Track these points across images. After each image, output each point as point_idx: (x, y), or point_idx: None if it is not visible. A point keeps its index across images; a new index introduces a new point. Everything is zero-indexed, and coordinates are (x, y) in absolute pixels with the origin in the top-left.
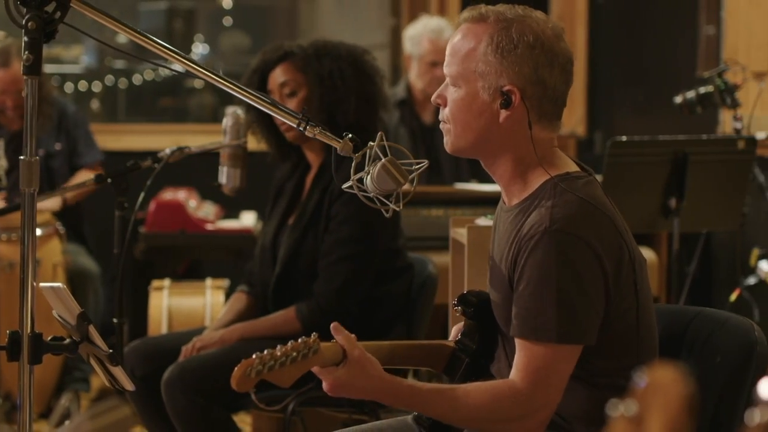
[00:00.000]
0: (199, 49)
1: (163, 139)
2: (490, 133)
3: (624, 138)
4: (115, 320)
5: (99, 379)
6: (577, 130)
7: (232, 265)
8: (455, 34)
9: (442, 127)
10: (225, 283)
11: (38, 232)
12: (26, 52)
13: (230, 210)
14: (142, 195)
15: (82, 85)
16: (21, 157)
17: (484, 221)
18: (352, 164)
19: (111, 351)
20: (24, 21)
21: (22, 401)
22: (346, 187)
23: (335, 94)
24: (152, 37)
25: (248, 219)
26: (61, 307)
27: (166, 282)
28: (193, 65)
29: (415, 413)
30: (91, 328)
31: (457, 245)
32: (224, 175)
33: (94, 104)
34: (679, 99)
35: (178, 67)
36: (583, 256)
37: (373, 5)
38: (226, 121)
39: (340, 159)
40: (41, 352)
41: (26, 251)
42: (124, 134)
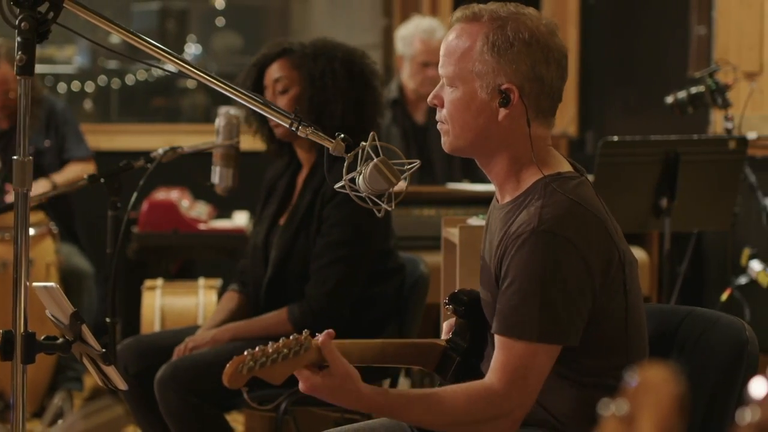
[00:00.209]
0: (192, 49)
1: (155, 139)
2: (489, 131)
3: (615, 138)
4: (107, 320)
5: (92, 379)
6: (568, 130)
7: (224, 264)
8: (449, 33)
9: (439, 127)
10: (217, 282)
11: (31, 231)
12: (19, 53)
13: (223, 210)
14: (135, 195)
15: (75, 86)
16: (14, 157)
17: (475, 221)
18: (344, 164)
19: (104, 350)
20: (17, 21)
21: (15, 400)
22: (338, 187)
23: (324, 94)
24: (145, 37)
25: (241, 219)
26: (54, 306)
27: (159, 282)
28: (186, 65)
29: None
30: (84, 328)
31: (448, 245)
32: (217, 175)
33: (87, 104)
34: (670, 99)
35: (170, 67)
36: (569, 258)
37: (365, 6)
38: (219, 121)
39: (333, 159)
40: (34, 352)
41: (19, 251)
42: (117, 134)
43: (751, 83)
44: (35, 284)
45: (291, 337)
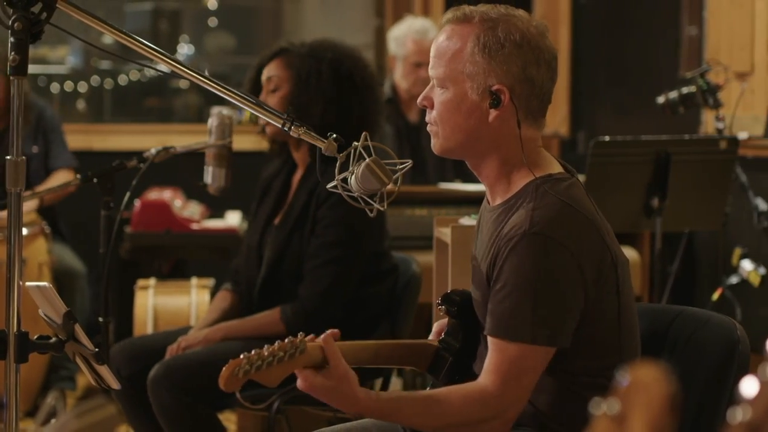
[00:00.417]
0: (185, 49)
1: (148, 139)
2: (480, 133)
3: (607, 138)
4: (100, 319)
5: (85, 378)
6: (560, 131)
7: (217, 264)
8: (439, 35)
9: (429, 129)
10: (210, 282)
11: (24, 231)
12: (13, 53)
13: (215, 209)
14: (128, 195)
15: (68, 86)
16: (8, 157)
17: (467, 221)
18: (337, 164)
19: (96, 350)
20: (10, 22)
21: (8, 400)
22: (331, 187)
23: (306, 94)
24: (138, 37)
25: (233, 218)
26: (47, 306)
27: (152, 281)
28: (179, 66)
29: None
30: (77, 327)
31: (441, 245)
32: (209, 175)
33: (80, 104)
34: (661, 99)
35: (163, 67)
36: (561, 260)
37: (357, 6)
38: (212, 122)
39: (326, 159)
40: (27, 351)
41: (12, 250)
42: (110, 134)
43: (742, 83)
44: (28, 284)
45: (286, 340)
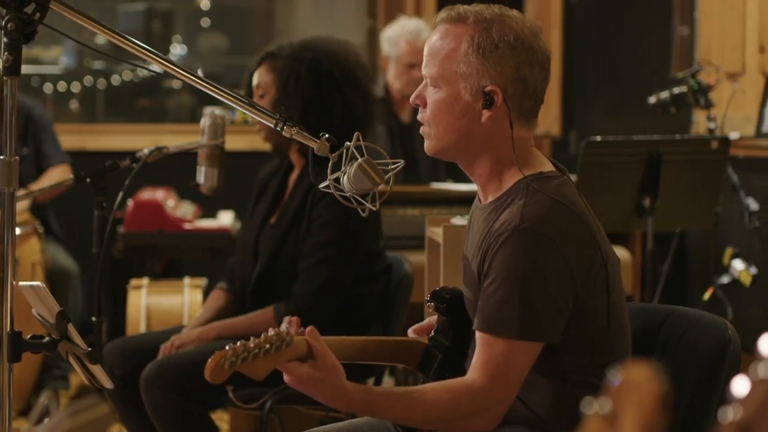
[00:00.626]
0: (177, 49)
1: (141, 139)
2: (472, 133)
3: (598, 138)
4: (93, 319)
5: (78, 377)
6: (552, 130)
7: (209, 264)
8: (433, 34)
9: (422, 131)
10: (203, 281)
11: (17, 231)
12: (6, 53)
13: (208, 209)
14: (121, 194)
15: (61, 86)
16: (0, 157)
17: (459, 220)
18: (329, 164)
19: (90, 349)
20: (3, 22)
21: (1, 399)
22: (323, 187)
23: (286, 97)
24: (130, 38)
25: (226, 218)
26: (41, 305)
27: (145, 281)
28: (171, 66)
29: None
30: (70, 327)
31: (433, 244)
32: (202, 175)
33: (73, 104)
34: (653, 99)
35: (156, 67)
36: (550, 256)
37: (349, 6)
38: (204, 121)
39: (318, 159)
40: (21, 350)
41: (6, 250)
42: (103, 134)
43: (733, 83)
44: (21, 283)
45: (272, 333)
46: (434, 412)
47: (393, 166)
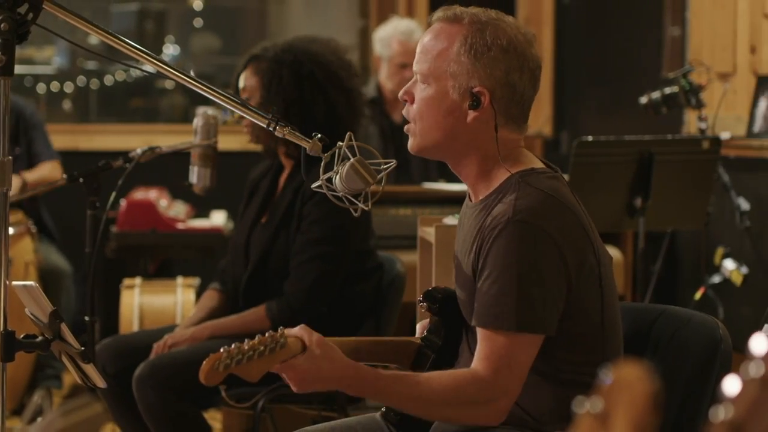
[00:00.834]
0: (170, 50)
1: (134, 139)
2: (457, 132)
3: (590, 138)
4: (86, 318)
5: (71, 377)
6: (543, 130)
7: (202, 263)
8: (427, 32)
9: (407, 128)
10: (195, 281)
11: (10, 230)
12: None
13: (201, 209)
14: (114, 194)
15: (54, 86)
16: None
17: (451, 220)
18: (321, 164)
19: (83, 348)
20: None
21: None
22: (315, 187)
23: (268, 99)
24: (123, 38)
25: (218, 218)
26: (34, 305)
27: (138, 280)
28: (164, 66)
29: (383, 410)
30: (63, 326)
31: (424, 244)
32: (195, 175)
33: (66, 105)
34: (644, 99)
35: (149, 68)
36: (544, 246)
37: (341, 7)
38: (197, 122)
39: (310, 159)
40: (14, 350)
41: None
42: (96, 134)
43: (724, 84)
44: (15, 283)
45: (267, 334)
46: (439, 396)
47: (385, 166)
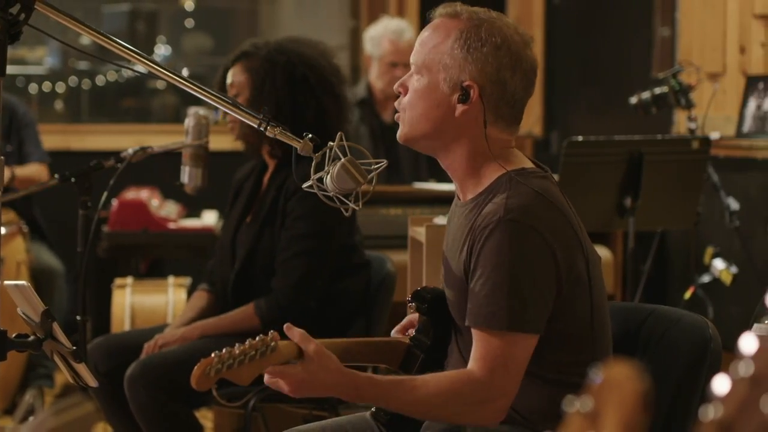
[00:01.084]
0: (162, 50)
1: (125, 139)
2: (444, 125)
3: (580, 138)
4: (78, 318)
5: (63, 376)
6: (533, 130)
7: (193, 263)
8: (428, 27)
9: (396, 117)
10: (187, 281)
11: (2, 230)
12: None
13: (192, 209)
14: (105, 194)
15: (46, 86)
16: None
17: (442, 220)
18: (312, 164)
19: (74, 348)
20: None
21: None
22: (306, 187)
23: (260, 100)
24: (115, 38)
25: (210, 218)
26: (26, 304)
27: (129, 280)
28: (155, 66)
29: (372, 410)
30: (55, 326)
31: (415, 244)
32: (186, 175)
33: (58, 105)
34: (634, 99)
35: (140, 68)
36: (535, 246)
37: (332, 7)
38: (188, 122)
39: (299, 159)
40: (6, 349)
41: None
42: (88, 134)
43: (714, 84)
44: (6, 283)
45: (258, 338)
46: (436, 399)
47: (376, 166)
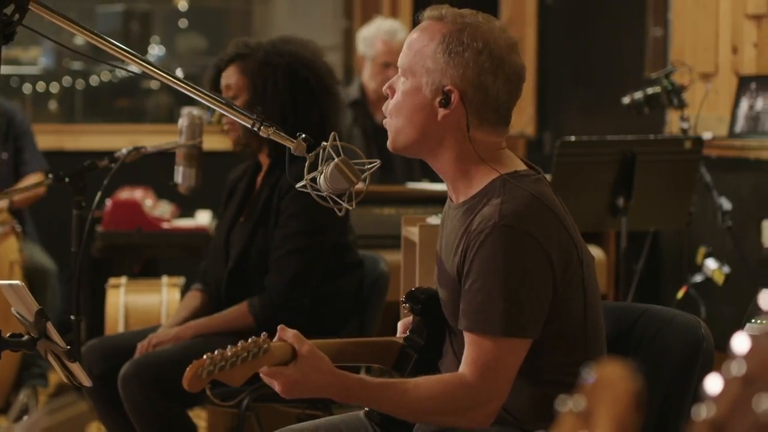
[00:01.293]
0: (155, 50)
1: (119, 139)
2: (428, 129)
3: (573, 138)
4: (72, 317)
5: (57, 375)
6: (526, 131)
7: (187, 263)
8: (416, 29)
9: (384, 123)
10: (180, 280)
11: None
12: None
13: (186, 209)
14: (99, 194)
15: (40, 86)
16: None
17: (435, 220)
18: (306, 164)
19: (68, 347)
20: None
21: None
22: (300, 186)
23: (263, 104)
24: (109, 38)
25: (203, 218)
26: (20, 304)
27: (123, 280)
28: (149, 66)
29: (366, 409)
30: (49, 325)
31: (408, 243)
32: (180, 175)
33: (52, 105)
34: (627, 99)
35: (134, 68)
36: (531, 251)
37: (326, 7)
38: (182, 122)
39: (292, 159)
40: (0, 349)
41: None
42: (82, 134)
43: (706, 84)
44: (0, 282)
45: (250, 340)
46: (427, 403)
47: (369, 166)
